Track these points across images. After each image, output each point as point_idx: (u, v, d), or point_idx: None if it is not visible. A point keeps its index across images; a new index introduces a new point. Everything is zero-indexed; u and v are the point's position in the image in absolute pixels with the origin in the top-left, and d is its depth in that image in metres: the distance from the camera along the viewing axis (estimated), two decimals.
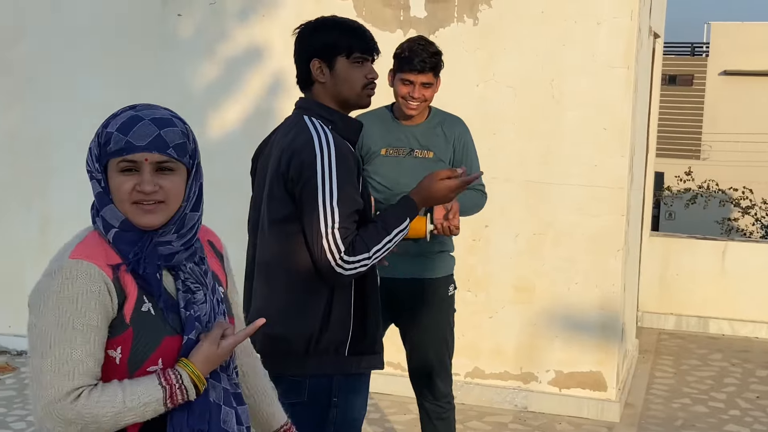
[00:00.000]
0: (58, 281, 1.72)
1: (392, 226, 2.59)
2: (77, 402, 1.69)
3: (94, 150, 1.82)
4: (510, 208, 5.22)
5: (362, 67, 2.64)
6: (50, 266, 1.77)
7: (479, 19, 5.16)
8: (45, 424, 1.71)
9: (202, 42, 5.62)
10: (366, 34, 2.68)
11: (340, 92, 2.63)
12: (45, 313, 1.72)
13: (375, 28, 5.26)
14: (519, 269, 5.24)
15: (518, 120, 5.16)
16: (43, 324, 1.71)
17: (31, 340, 1.75)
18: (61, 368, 1.69)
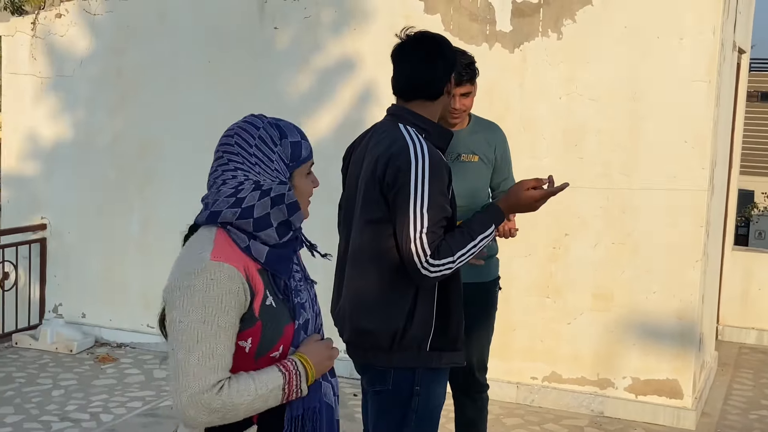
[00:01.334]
0: (203, 281, 1.86)
1: (477, 232, 2.78)
2: (221, 393, 1.86)
3: (280, 161, 2.00)
4: (590, 217, 5.35)
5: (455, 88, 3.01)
6: (189, 265, 1.90)
7: (563, 33, 5.32)
8: (188, 412, 1.86)
9: (296, 53, 5.91)
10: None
11: (443, 109, 2.94)
12: (190, 311, 1.86)
13: (462, 41, 5.48)
14: (598, 277, 5.37)
15: (600, 131, 5.30)
16: (189, 321, 1.85)
17: (176, 335, 1.87)
18: (207, 362, 1.85)
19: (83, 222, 6.58)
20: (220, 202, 1.97)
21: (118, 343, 6.47)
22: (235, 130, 2.02)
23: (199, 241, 1.97)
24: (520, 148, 5.46)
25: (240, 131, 2.01)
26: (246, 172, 1.97)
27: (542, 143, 5.41)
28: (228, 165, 1.98)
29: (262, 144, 1.98)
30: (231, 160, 1.98)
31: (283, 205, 1.98)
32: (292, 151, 2.01)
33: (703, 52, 5.05)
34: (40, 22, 6.54)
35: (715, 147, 5.35)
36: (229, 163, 1.98)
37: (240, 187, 1.96)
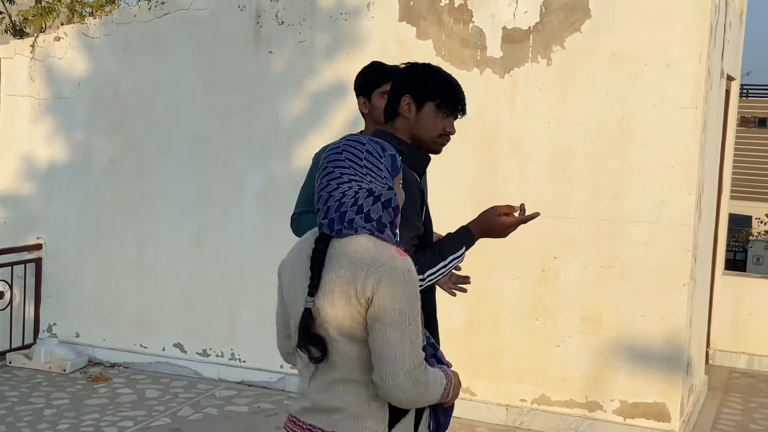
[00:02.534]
0: (402, 274, 2.12)
1: (448, 252, 2.83)
2: (427, 371, 2.18)
3: (386, 170, 2.24)
4: (579, 240, 5.42)
5: (444, 119, 2.84)
6: (388, 261, 2.13)
7: (552, 59, 5.41)
8: (404, 386, 2.12)
9: (291, 77, 6.00)
10: (460, 95, 2.87)
11: (418, 132, 2.84)
12: (398, 299, 2.11)
13: (453, 66, 5.57)
14: (586, 300, 5.43)
15: (588, 156, 5.37)
16: (399, 307, 2.11)
17: (389, 321, 2.11)
18: (416, 342, 2.14)
19: (79, 242, 6.64)
20: (347, 212, 2.19)
21: (111, 363, 6.51)
22: (342, 146, 2.25)
23: (372, 244, 2.18)
24: (509, 172, 5.54)
25: (348, 147, 2.25)
26: (359, 182, 2.20)
27: (531, 167, 5.49)
28: (341, 178, 2.21)
29: (371, 156, 2.24)
30: (343, 173, 2.21)
31: (390, 208, 2.23)
32: (392, 162, 2.27)
33: (689, 79, 5.13)
34: (40, 45, 6.63)
35: (702, 172, 5.42)
36: (342, 176, 2.21)
37: (356, 195, 2.19)
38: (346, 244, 2.18)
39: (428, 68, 2.90)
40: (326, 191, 2.22)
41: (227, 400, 5.81)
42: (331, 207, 2.20)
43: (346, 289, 2.13)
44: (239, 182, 6.17)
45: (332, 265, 2.17)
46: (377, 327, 2.12)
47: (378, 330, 2.12)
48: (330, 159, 2.25)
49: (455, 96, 2.85)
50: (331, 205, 2.20)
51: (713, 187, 6.31)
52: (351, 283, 2.13)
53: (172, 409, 5.60)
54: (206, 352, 6.31)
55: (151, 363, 6.42)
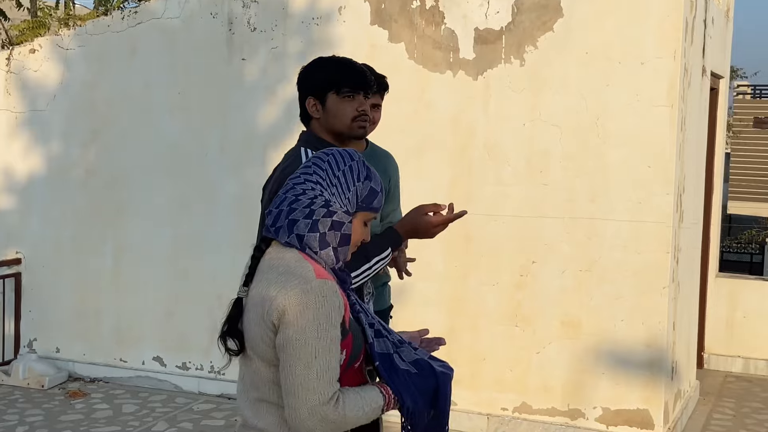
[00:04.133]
0: (314, 299, 1.96)
1: (373, 254, 2.75)
2: (338, 405, 1.98)
3: (354, 196, 2.11)
4: (557, 244, 5.30)
5: (352, 101, 2.81)
6: (297, 285, 1.97)
7: (525, 60, 5.30)
8: (307, 424, 1.96)
9: (264, 84, 5.92)
10: (355, 70, 2.83)
11: (332, 126, 2.83)
12: (306, 328, 1.95)
13: (426, 69, 5.48)
14: (566, 305, 5.30)
15: (564, 158, 5.25)
16: (305, 338, 1.95)
17: (293, 351, 1.95)
18: (324, 376, 1.95)
19: (57, 256, 6.58)
20: (297, 211, 2.06)
21: (91, 378, 6.42)
22: (333, 152, 2.15)
23: (293, 262, 2.03)
24: (485, 175, 5.43)
25: (337, 154, 2.14)
26: (323, 189, 2.08)
27: (507, 170, 5.37)
28: (311, 176, 2.10)
29: (349, 172, 2.11)
30: (316, 172, 2.10)
31: (339, 232, 2.08)
32: (368, 195, 2.13)
33: (664, 76, 5.01)
34: (15, 58, 6.58)
35: (682, 172, 5.29)
36: (313, 174, 2.10)
37: (314, 200, 2.07)
38: (273, 255, 2.07)
39: (316, 62, 2.89)
40: (283, 190, 2.12)
41: (205, 414, 5.71)
42: (284, 210, 2.09)
43: (259, 309, 2.02)
44: (215, 191, 6.09)
45: (257, 278, 2.07)
46: (282, 357, 1.98)
47: (283, 360, 1.98)
48: (316, 155, 2.16)
49: (351, 75, 2.79)
50: (284, 209, 2.09)
51: (698, 186, 6.17)
52: (262, 303, 2.01)
53: (147, 424, 5.51)
54: (186, 365, 6.22)
55: (131, 377, 6.34)
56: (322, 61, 2.93)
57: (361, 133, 2.88)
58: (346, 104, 2.81)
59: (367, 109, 2.84)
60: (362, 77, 2.84)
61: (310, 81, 2.87)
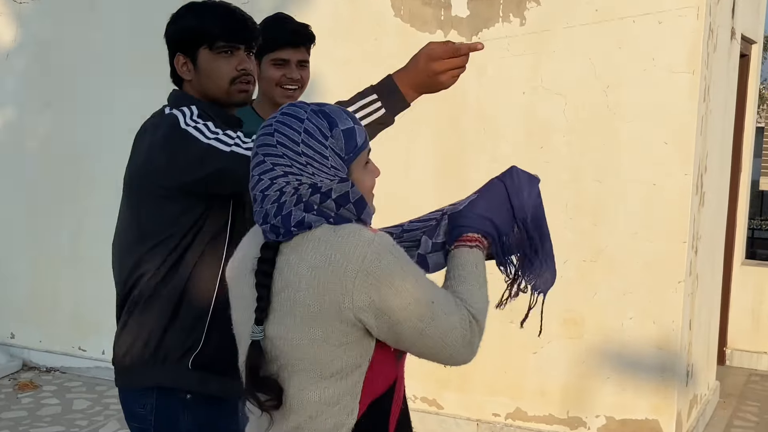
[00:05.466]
0: (387, 248, 1.64)
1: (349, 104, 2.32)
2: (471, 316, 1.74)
3: (334, 156, 1.69)
4: (558, 230, 4.61)
5: (230, 58, 2.28)
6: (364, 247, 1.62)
7: (527, 18, 4.62)
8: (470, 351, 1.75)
9: None
10: (234, 17, 2.29)
11: (207, 89, 2.30)
12: (404, 285, 1.62)
13: (413, 28, 4.83)
14: (566, 300, 4.65)
15: (568, 132, 4.59)
16: (409, 291, 1.63)
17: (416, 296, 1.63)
18: (449, 305, 1.69)
19: (11, 234, 6.00)
20: (292, 211, 1.65)
21: (47, 368, 5.86)
22: (275, 126, 1.69)
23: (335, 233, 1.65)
24: (479, 150, 4.78)
25: (281, 127, 1.68)
26: (298, 176, 1.66)
27: (503, 144, 4.71)
28: (274, 170, 1.67)
29: (310, 139, 1.67)
30: (276, 164, 1.67)
31: (349, 204, 1.69)
32: (346, 142, 1.70)
33: (685, 38, 4.31)
34: None
35: (704, 149, 4.60)
36: (275, 168, 1.67)
37: (297, 191, 1.66)
38: (299, 246, 1.65)
39: (182, 12, 2.36)
40: (259, 190, 1.69)
41: None
42: (270, 210, 1.67)
43: (316, 305, 1.61)
44: None
45: (287, 278, 1.64)
46: (399, 331, 1.63)
47: (403, 334, 1.64)
48: (260, 143, 1.70)
49: (227, 24, 2.27)
50: (269, 208, 1.68)
51: (723, 166, 5.47)
52: (324, 294, 1.61)
53: (96, 423, 4.94)
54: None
55: (89, 368, 5.77)
56: (192, 6, 2.36)
57: (242, 99, 2.32)
58: (223, 62, 2.27)
59: (249, 68, 2.30)
60: (242, 27, 2.30)
61: (178, 34, 2.36)
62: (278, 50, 2.93)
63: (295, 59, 2.95)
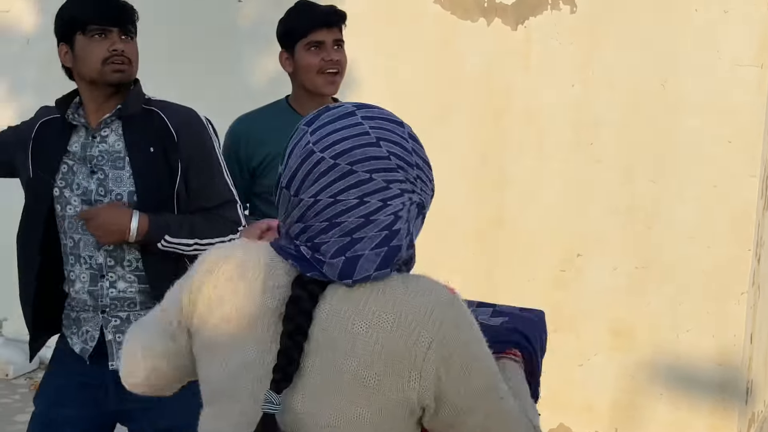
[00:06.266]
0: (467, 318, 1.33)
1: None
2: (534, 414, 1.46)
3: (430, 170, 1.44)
4: (608, 234, 4.33)
5: (103, 41, 2.40)
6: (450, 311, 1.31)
7: (578, 5, 4.30)
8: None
9: (261, 31, 4.99)
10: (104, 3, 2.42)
11: (83, 73, 2.43)
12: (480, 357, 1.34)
13: (454, 15, 4.52)
14: (616, 309, 4.34)
15: (621, 128, 4.27)
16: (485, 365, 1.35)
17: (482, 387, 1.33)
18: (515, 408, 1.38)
19: None
20: (398, 243, 1.32)
21: None
22: (378, 132, 1.31)
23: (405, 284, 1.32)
24: (523, 147, 4.47)
25: (385, 133, 1.32)
26: (410, 194, 1.33)
27: (549, 141, 4.40)
28: (389, 189, 1.30)
29: (418, 146, 1.37)
30: (391, 180, 1.30)
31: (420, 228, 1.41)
32: None
33: (754, 28, 3.99)
34: None
35: None
36: (390, 186, 1.30)
37: (408, 215, 1.34)
38: (354, 294, 1.29)
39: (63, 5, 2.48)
40: (356, 215, 1.29)
41: None
42: (370, 239, 1.29)
43: (373, 379, 1.25)
44: None
45: (331, 336, 1.27)
46: (460, 422, 1.32)
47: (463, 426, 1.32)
48: (358, 159, 1.29)
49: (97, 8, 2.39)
50: (370, 236, 1.29)
51: None
52: (386, 365, 1.25)
53: None
54: None
55: None
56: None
57: (114, 78, 2.43)
58: (96, 45, 2.39)
59: (121, 48, 2.41)
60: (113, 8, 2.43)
61: (57, 24, 2.49)
62: (311, 33, 2.84)
63: (330, 39, 2.81)
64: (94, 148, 2.50)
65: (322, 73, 2.82)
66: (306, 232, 1.30)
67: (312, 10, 2.88)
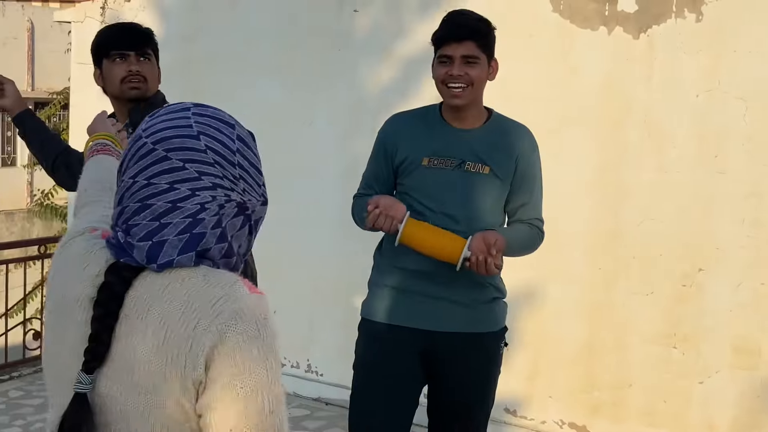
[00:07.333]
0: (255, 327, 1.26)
1: None
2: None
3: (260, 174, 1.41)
4: (732, 249, 4.19)
5: (122, 63, 2.81)
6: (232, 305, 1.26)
7: (704, 13, 4.17)
8: None
9: (378, 40, 5.02)
10: (123, 30, 2.88)
11: (109, 91, 2.87)
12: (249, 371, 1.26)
13: (574, 24, 4.45)
14: (740, 326, 4.20)
15: (748, 140, 4.13)
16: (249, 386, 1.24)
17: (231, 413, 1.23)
18: None
19: None
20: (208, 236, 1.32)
21: None
22: (201, 127, 1.35)
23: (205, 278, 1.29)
24: (643, 159, 4.36)
25: (208, 129, 1.35)
26: (227, 190, 1.34)
27: (671, 153, 4.28)
28: (201, 180, 1.32)
29: (245, 148, 1.38)
30: (204, 173, 1.33)
31: (254, 234, 1.41)
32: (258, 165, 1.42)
33: None
34: (110, 7, 5.94)
35: None
36: (202, 177, 1.32)
37: (221, 212, 1.33)
38: (157, 282, 1.30)
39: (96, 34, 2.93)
40: (164, 200, 1.32)
41: (295, 423, 4.94)
42: (175, 225, 1.31)
43: (159, 366, 1.24)
44: (319, 164, 5.25)
45: (134, 322, 1.27)
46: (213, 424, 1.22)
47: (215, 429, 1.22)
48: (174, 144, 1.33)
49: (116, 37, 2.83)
50: (175, 222, 1.31)
51: None
52: (168, 352, 1.24)
53: None
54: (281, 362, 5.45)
55: None
56: (99, 31, 3.01)
57: (132, 95, 2.84)
58: (117, 67, 2.82)
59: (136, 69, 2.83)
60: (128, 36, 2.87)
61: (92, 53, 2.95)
62: (443, 46, 2.82)
63: (458, 54, 2.77)
64: None
65: (446, 86, 2.81)
66: (123, 214, 1.34)
67: (447, 23, 2.88)
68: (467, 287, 2.83)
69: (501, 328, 2.95)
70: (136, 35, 2.86)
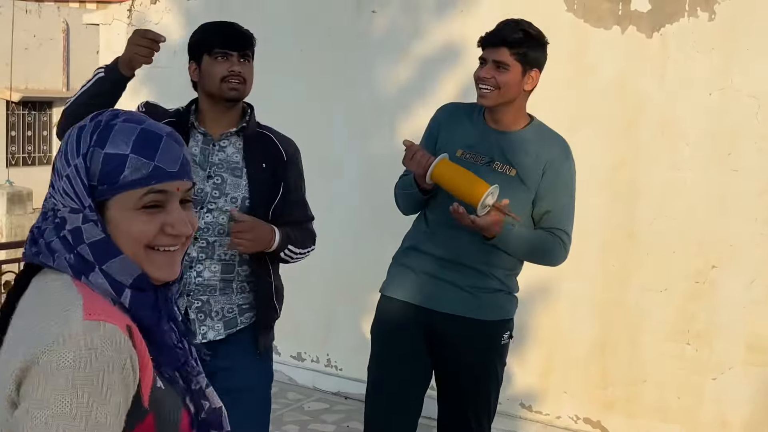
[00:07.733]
0: (73, 353, 1.18)
1: None
2: None
3: (77, 179, 1.33)
4: (746, 246, 4.21)
5: (224, 62, 2.77)
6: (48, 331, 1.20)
7: (716, 12, 4.19)
8: None
9: (395, 40, 5.09)
10: (228, 30, 2.82)
11: (204, 86, 2.81)
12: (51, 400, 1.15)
13: (588, 24, 4.49)
14: (754, 323, 4.22)
15: (761, 138, 4.14)
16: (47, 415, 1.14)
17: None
18: None
19: None
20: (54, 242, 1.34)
21: None
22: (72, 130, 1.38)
23: (56, 291, 1.28)
24: (656, 157, 4.39)
25: (72, 131, 1.37)
26: (53, 195, 1.37)
27: (684, 151, 4.31)
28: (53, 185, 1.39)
29: (62, 155, 1.36)
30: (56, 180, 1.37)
31: (83, 245, 1.30)
32: (104, 168, 1.31)
33: None
34: (136, 9, 6.06)
35: None
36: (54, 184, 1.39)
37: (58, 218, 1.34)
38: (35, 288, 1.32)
39: (196, 30, 2.90)
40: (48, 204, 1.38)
41: (315, 416, 5.03)
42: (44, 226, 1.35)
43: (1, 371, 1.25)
44: (339, 165, 5.33)
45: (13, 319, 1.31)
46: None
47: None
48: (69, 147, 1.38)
49: (222, 35, 2.79)
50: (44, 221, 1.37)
51: None
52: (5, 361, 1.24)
53: None
54: (301, 356, 5.55)
55: None
56: (203, 25, 2.92)
57: (231, 95, 2.78)
58: (218, 65, 2.77)
59: (238, 70, 2.77)
60: (233, 36, 2.81)
61: (190, 45, 2.89)
62: (483, 49, 2.98)
63: (490, 58, 2.92)
64: (214, 156, 2.77)
65: (479, 87, 2.95)
66: None
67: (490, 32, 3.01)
68: (472, 276, 2.93)
69: (503, 318, 3.01)
70: (240, 36, 2.82)
